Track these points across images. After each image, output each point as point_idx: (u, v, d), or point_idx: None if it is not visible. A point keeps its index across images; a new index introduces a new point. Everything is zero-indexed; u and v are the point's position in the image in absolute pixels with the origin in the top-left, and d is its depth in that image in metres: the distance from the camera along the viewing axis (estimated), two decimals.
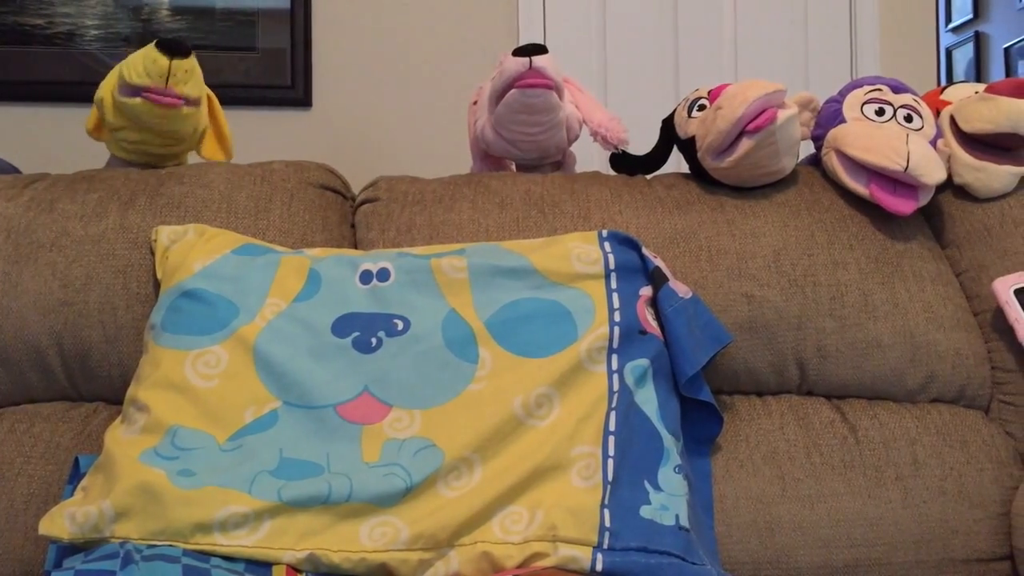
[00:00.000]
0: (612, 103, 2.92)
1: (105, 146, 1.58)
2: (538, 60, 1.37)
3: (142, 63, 1.40)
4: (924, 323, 1.32)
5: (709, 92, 1.42)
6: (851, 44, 2.97)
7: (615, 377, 1.17)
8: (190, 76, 1.43)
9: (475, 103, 1.61)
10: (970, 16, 4.65)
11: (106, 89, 1.48)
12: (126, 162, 1.56)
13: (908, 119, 1.37)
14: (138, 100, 1.41)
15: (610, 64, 2.93)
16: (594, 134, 1.55)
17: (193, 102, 1.45)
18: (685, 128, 1.43)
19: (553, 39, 2.90)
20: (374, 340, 1.18)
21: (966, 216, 1.42)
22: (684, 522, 1.07)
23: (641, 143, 1.69)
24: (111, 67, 2.67)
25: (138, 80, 1.40)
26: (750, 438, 1.28)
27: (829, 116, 1.43)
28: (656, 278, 1.25)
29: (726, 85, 1.36)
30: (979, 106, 1.38)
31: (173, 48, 1.40)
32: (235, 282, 1.22)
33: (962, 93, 1.50)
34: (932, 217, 1.45)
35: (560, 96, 1.44)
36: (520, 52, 1.37)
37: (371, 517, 1.05)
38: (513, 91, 1.39)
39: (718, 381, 1.33)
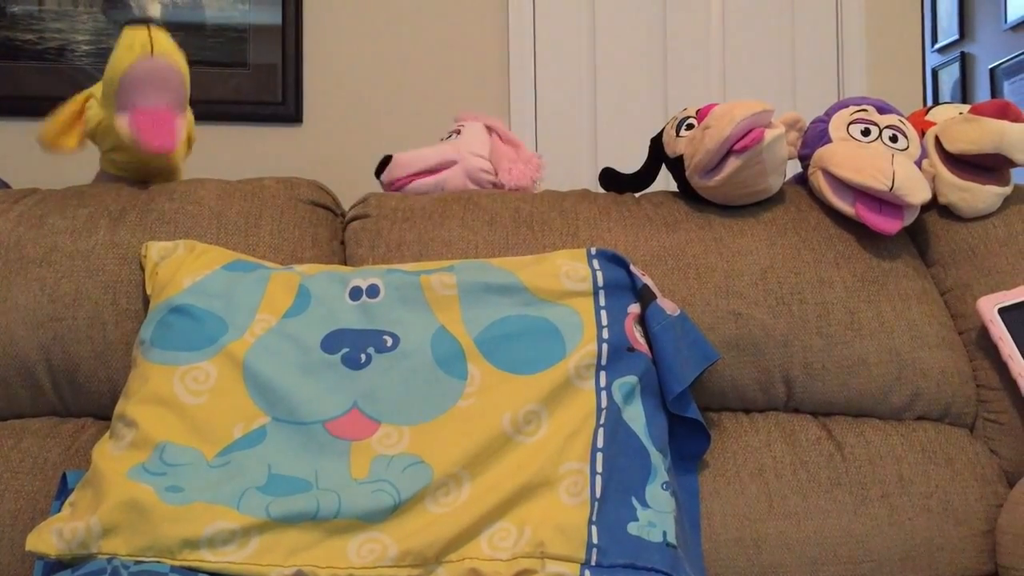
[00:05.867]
0: (601, 122, 2.94)
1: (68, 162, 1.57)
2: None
3: (122, 48, 1.32)
4: (909, 341, 1.33)
5: (697, 111, 1.43)
6: (838, 64, 2.99)
7: (603, 394, 1.17)
8: (172, 47, 1.35)
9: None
10: (956, 37, 4.69)
11: (96, 112, 1.43)
12: (116, 177, 1.56)
13: (893, 139, 1.38)
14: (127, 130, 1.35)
15: (599, 84, 2.94)
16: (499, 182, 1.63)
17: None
18: (673, 147, 1.45)
19: (543, 58, 2.92)
20: (363, 356, 1.18)
21: (951, 235, 1.43)
22: (671, 539, 1.07)
23: (630, 161, 1.70)
24: None
25: (129, 59, 1.31)
26: (737, 455, 1.28)
27: (815, 136, 1.44)
28: (644, 296, 1.25)
29: (714, 105, 1.38)
30: (964, 127, 1.39)
31: (142, 21, 1.34)
32: (225, 298, 1.22)
33: (947, 114, 1.52)
34: (917, 236, 1.46)
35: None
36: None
37: (359, 533, 1.05)
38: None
39: (705, 398, 1.33)
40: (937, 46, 4.84)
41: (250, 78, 2.76)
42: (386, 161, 1.62)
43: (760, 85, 2.97)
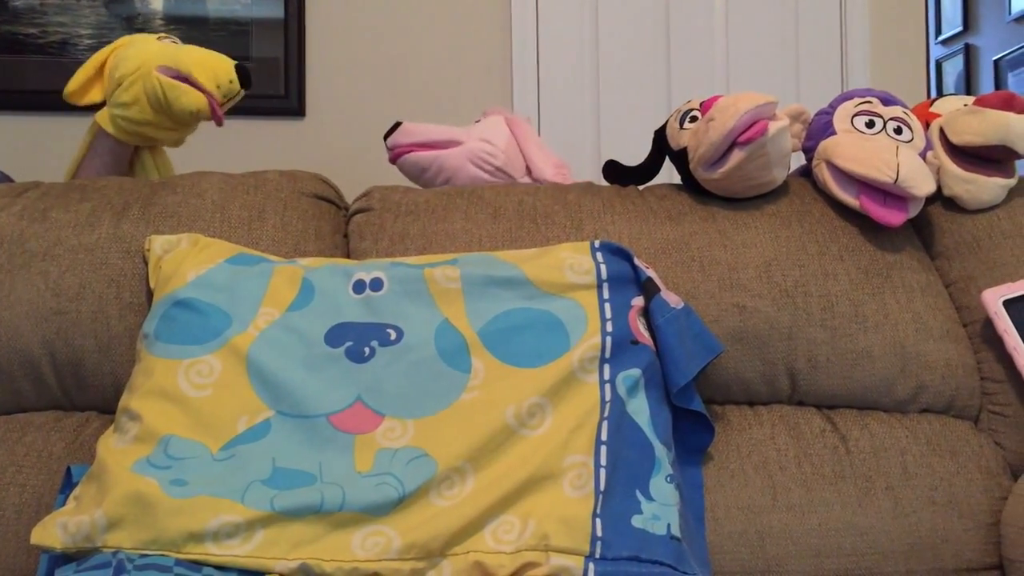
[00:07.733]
0: (604, 115, 2.93)
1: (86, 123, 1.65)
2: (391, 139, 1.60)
3: (216, 75, 1.54)
4: (914, 334, 1.32)
5: (701, 104, 1.43)
6: (842, 56, 2.99)
7: (607, 387, 1.17)
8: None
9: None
10: (960, 29, 4.68)
11: (131, 61, 1.55)
12: (115, 140, 1.60)
13: (898, 131, 1.38)
14: (191, 91, 1.53)
15: (603, 76, 2.94)
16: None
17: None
18: (677, 139, 1.44)
19: (546, 51, 2.91)
20: (367, 350, 1.18)
21: (955, 228, 1.43)
22: (676, 531, 1.07)
23: (633, 154, 1.70)
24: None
25: (205, 83, 1.54)
26: (741, 448, 1.28)
27: (819, 128, 1.43)
28: (648, 288, 1.25)
29: (718, 97, 1.37)
30: (968, 119, 1.39)
31: (246, 80, 1.57)
32: (228, 291, 1.22)
33: (951, 105, 1.51)
34: (921, 228, 1.46)
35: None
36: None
37: (364, 526, 1.06)
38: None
39: (709, 391, 1.33)
40: (941, 38, 4.83)
41: (253, 71, 2.75)
42: (396, 127, 1.62)
43: (764, 77, 2.96)
